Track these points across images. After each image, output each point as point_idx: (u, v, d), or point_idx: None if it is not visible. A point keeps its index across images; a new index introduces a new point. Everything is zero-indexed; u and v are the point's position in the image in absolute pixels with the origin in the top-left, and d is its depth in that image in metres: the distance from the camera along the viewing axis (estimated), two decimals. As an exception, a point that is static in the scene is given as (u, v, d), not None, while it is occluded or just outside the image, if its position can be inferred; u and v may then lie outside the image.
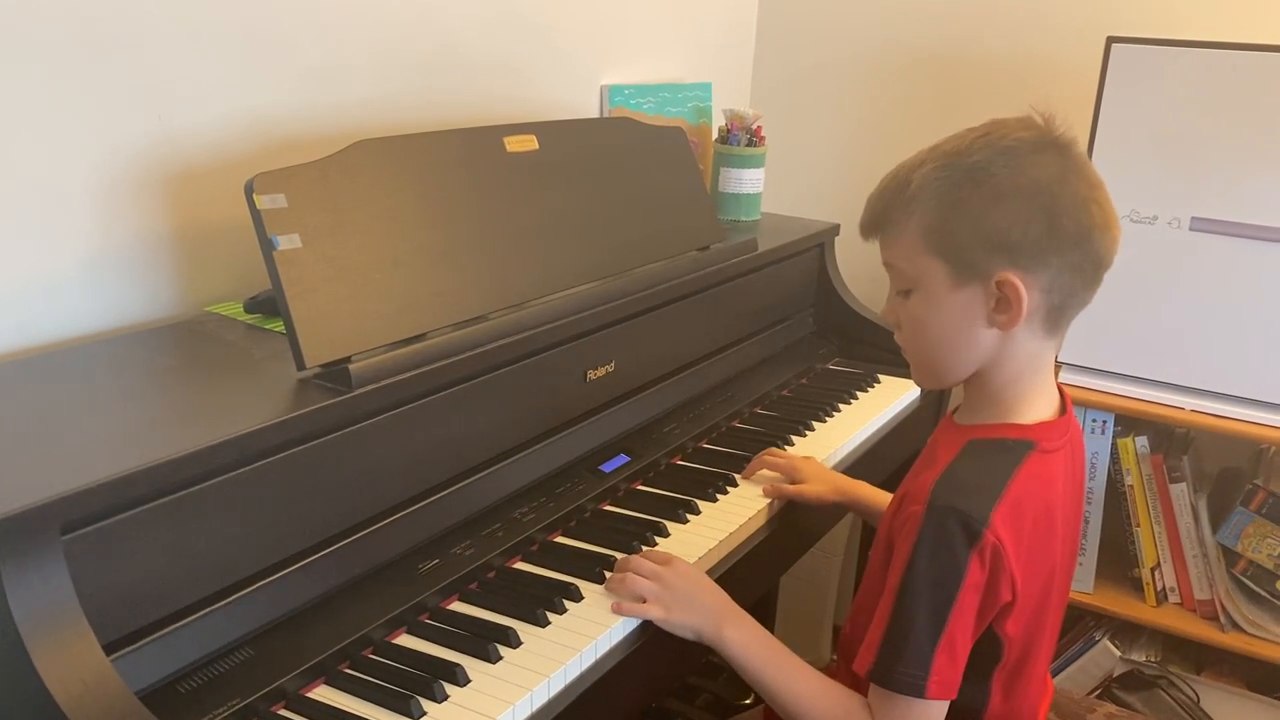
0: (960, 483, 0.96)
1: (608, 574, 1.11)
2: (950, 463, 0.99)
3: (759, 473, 1.36)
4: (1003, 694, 1.04)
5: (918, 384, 1.10)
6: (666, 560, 1.10)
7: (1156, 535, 1.89)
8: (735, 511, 1.28)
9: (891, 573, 0.98)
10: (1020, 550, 0.95)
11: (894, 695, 0.95)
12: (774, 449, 1.40)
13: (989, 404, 1.03)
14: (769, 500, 1.30)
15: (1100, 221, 0.96)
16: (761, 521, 1.29)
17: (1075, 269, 0.96)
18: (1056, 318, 0.99)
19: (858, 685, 1.03)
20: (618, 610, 1.05)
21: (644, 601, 1.05)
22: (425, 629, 1.01)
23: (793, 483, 1.33)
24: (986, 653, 1.00)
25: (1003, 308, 0.96)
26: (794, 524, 1.33)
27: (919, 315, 1.01)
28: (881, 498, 1.31)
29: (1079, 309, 1.00)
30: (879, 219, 1.02)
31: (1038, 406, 1.03)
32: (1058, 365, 1.91)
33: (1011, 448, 1.00)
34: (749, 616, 1.07)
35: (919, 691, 0.93)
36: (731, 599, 1.08)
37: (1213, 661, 1.92)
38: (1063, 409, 1.05)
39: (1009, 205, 0.94)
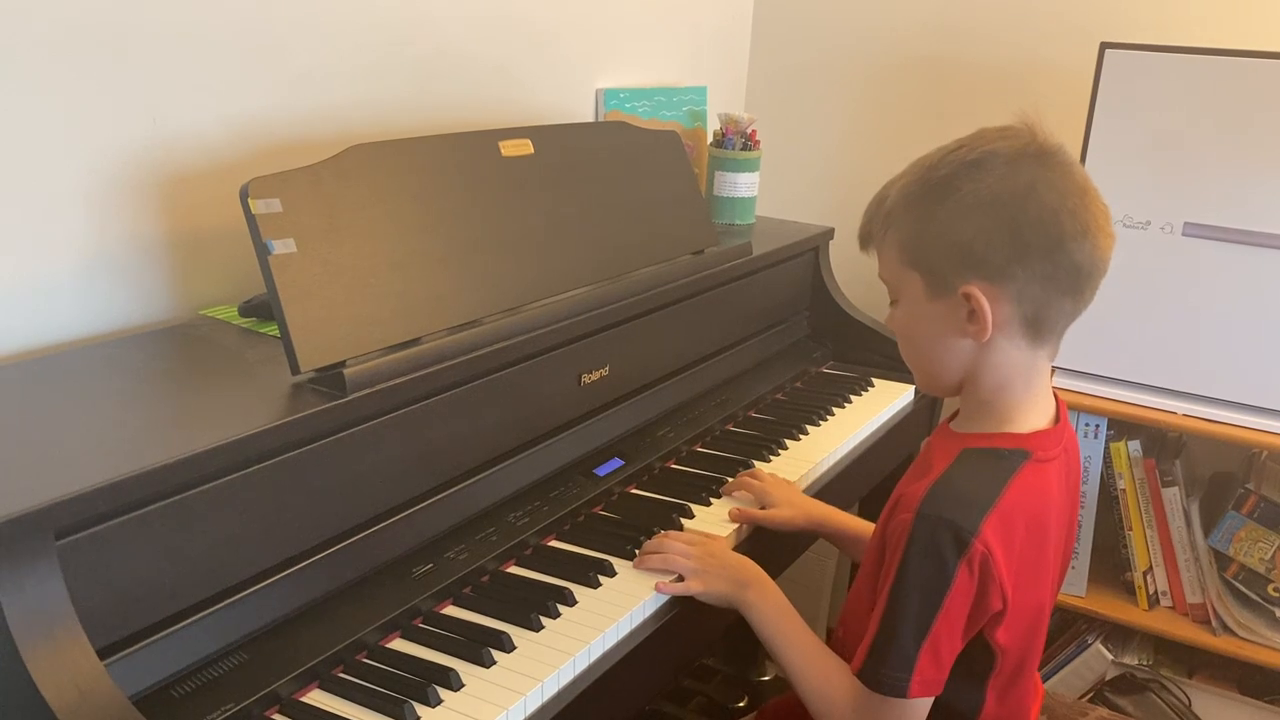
0: (952, 492, 0.97)
1: (601, 578, 1.11)
2: (944, 471, 0.99)
3: (734, 494, 1.34)
4: (997, 699, 1.05)
5: (922, 390, 1.12)
6: (699, 540, 1.17)
7: (1149, 539, 1.89)
8: (728, 516, 1.28)
9: (883, 579, 0.99)
10: (1011, 560, 0.96)
11: (878, 695, 0.97)
12: (756, 470, 1.38)
13: (982, 412, 1.04)
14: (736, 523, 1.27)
15: (1073, 230, 0.95)
16: (751, 527, 1.29)
17: (1046, 279, 0.96)
18: (1036, 327, 0.99)
19: None
20: (662, 590, 1.10)
21: (681, 579, 1.11)
22: (419, 633, 1.01)
23: (763, 507, 1.30)
24: (980, 661, 1.01)
25: (973, 319, 0.98)
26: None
27: (903, 325, 1.05)
28: (855, 525, 1.31)
29: (1065, 319, 1.00)
30: (865, 232, 1.07)
31: (1032, 416, 1.03)
32: (1051, 370, 1.91)
33: (1006, 457, 1.00)
34: (774, 585, 1.12)
35: (901, 692, 0.95)
36: (760, 569, 1.14)
37: (1204, 665, 1.92)
38: (1057, 418, 1.06)
39: (972, 219, 0.96)
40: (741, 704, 1.95)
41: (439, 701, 0.91)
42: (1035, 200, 0.95)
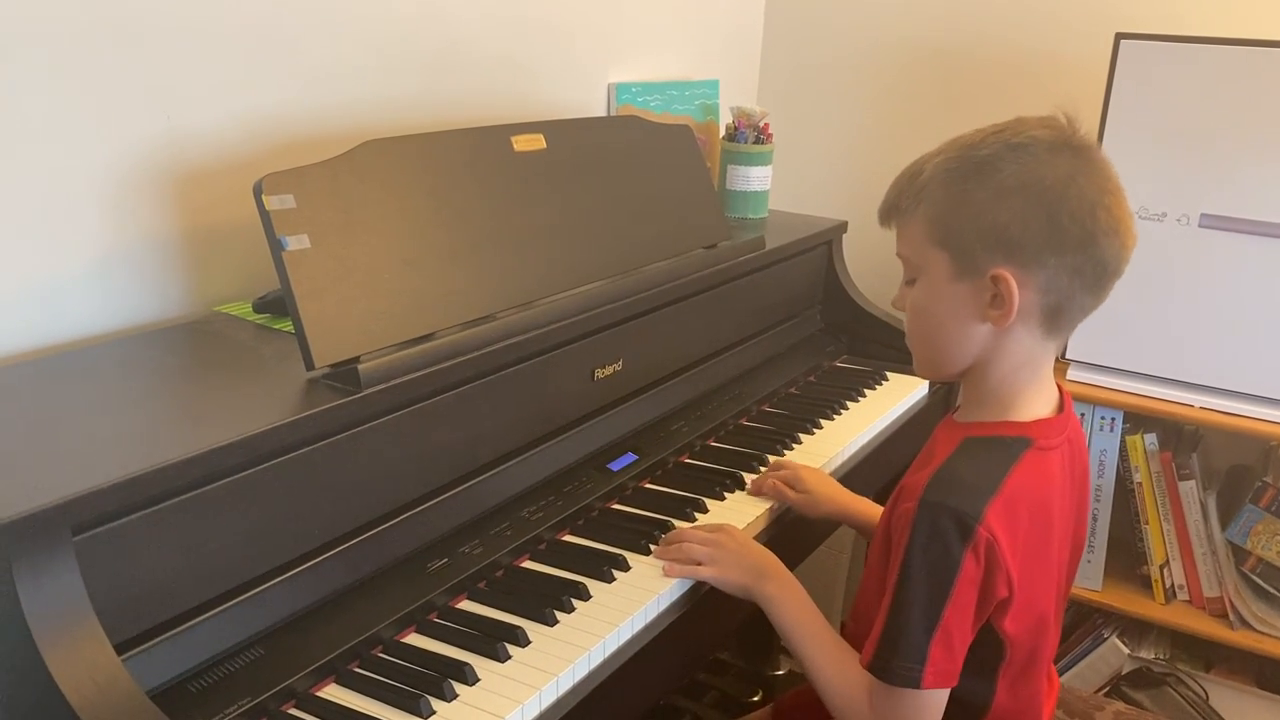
0: (954, 479, 0.97)
1: (615, 573, 1.11)
2: (946, 459, 0.99)
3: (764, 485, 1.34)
4: (1008, 691, 1.04)
5: (918, 374, 1.11)
6: (717, 527, 1.17)
7: (1165, 533, 1.88)
8: (743, 510, 1.28)
9: (890, 569, 0.98)
10: (1016, 546, 0.95)
11: (892, 687, 0.96)
12: (786, 460, 1.39)
13: (985, 401, 1.04)
14: (771, 502, 1.30)
15: (1107, 226, 0.95)
16: (768, 520, 1.29)
17: (1075, 271, 0.96)
18: (1054, 319, 0.99)
19: None
20: (671, 573, 1.11)
21: (699, 565, 1.11)
22: (434, 628, 1.02)
23: (794, 491, 1.31)
24: (990, 652, 1.00)
25: (997, 304, 0.97)
26: (800, 523, 1.33)
27: (920, 304, 1.03)
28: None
29: (1081, 314, 1.00)
30: (892, 206, 1.04)
31: (1035, 405, 1.03)
32: (1066, 363, 1.90)
33: (1008, 445, 1.00)
34: (793, 579, 1.12)
35: (915, 683, 0.94)
36: (780, 561, 1.13)
37: (1222, 659, 1.91)
38: (1061, 407, 1.05)
39: (1011, 202, 0.95)
40: (756, 698, 1.95)
41: (454, 696, 0.91)
42: (1075, 191, 0.95)
